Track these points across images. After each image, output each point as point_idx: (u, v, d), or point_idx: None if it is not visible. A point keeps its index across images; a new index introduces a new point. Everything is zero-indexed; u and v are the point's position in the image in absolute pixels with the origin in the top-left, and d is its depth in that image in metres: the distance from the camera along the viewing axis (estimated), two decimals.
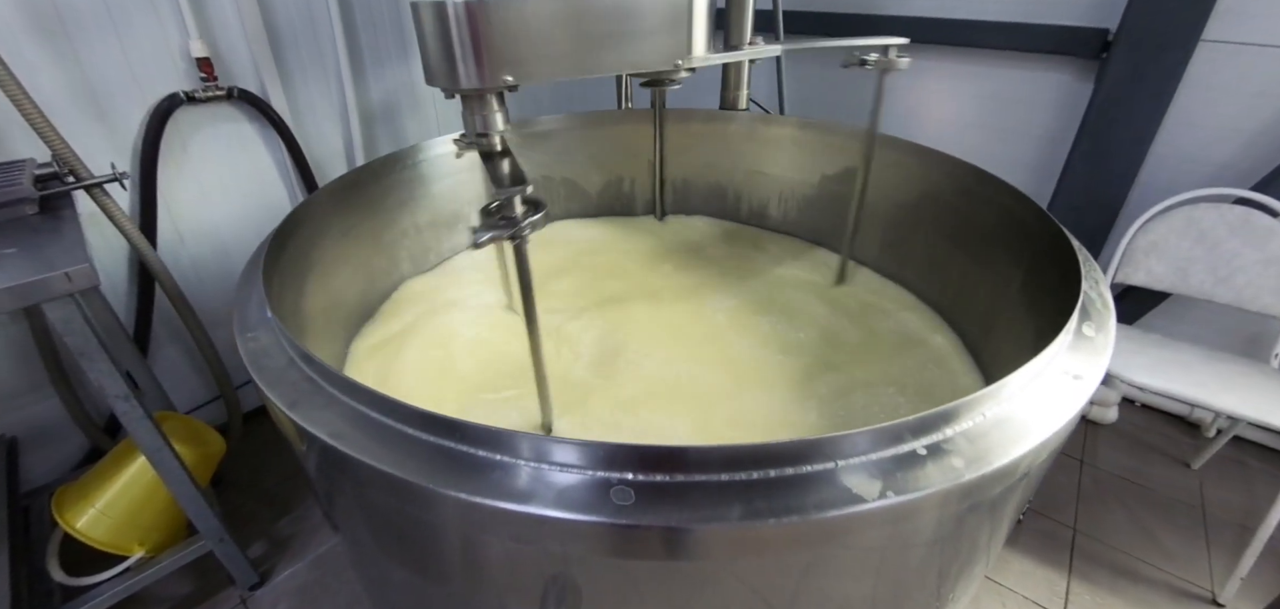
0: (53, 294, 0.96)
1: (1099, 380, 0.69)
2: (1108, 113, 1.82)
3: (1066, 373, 0.70)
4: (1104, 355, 0.73)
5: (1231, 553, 1.62)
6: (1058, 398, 0.66)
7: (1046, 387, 0.68)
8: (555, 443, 0.56)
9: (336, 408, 0.64)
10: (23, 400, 1.43)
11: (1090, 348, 0.75)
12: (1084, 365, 0.71)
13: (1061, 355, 0.71)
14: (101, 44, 1.36)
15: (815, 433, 0.96)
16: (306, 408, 0.63)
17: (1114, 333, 0.78)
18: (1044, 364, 0.68)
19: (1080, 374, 0.70)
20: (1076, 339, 0.76)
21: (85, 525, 1.22)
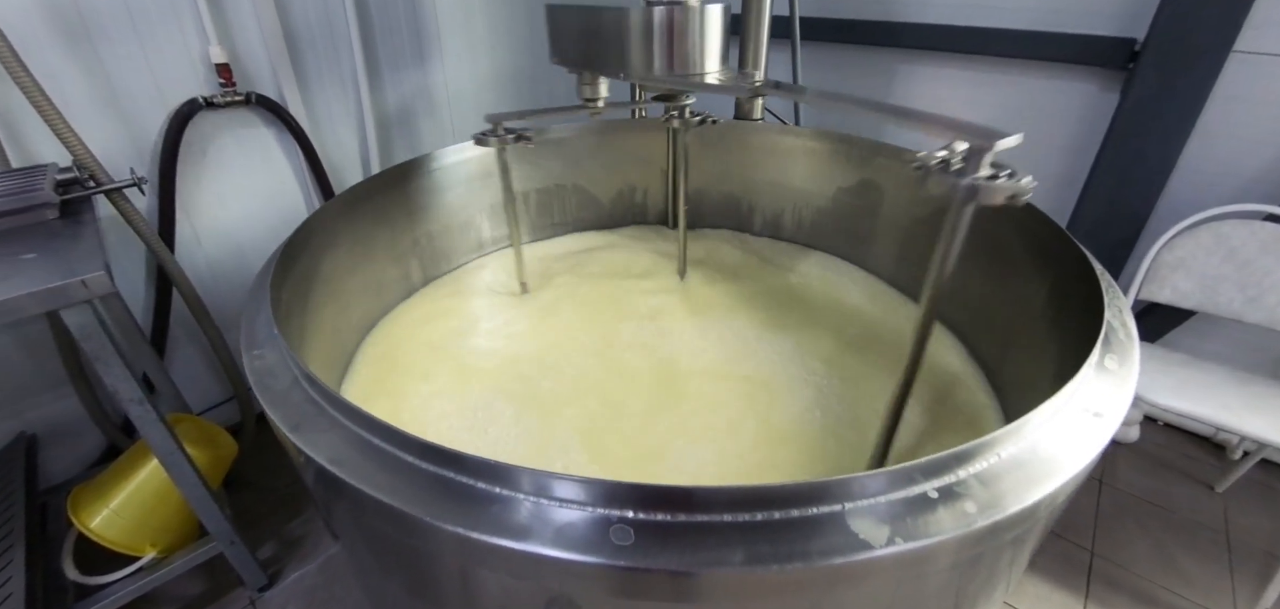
0: (70, 301, 0.98)
1: (1121, 418, 0.67)
2: (1133, 124, 1.77)
3: (1087, 409, 0.68)
4: (1127, 391, 0.70)
5: (1257, 581, 1.57)
6: (1078, 437, 0.64)
7: (1066, 424, 0.66)
8: (555, 478, 0.55)
9: (338, 431, 0.63)
10: (42, 398, 1.46)
11: (1112, 382, 0.72)
12: (1105, 402, 0.69)
13: (1082, 390, 0.69)
14: (124, 49, 1.38)
15: (831, 462, 0.94)
16: (309, 431, 0.63)
17: (1137, 366, 0.75)
18: (1063, 402, 0.66)
19: (1101, 411, 0.67)
20: (1097, 371, 0.73)
21: (99, 525, 1.24)
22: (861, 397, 1.11)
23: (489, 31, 1.99)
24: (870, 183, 1.46)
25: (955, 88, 2.11)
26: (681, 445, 0.99)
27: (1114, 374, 0.73)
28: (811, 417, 1.05)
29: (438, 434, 1.03)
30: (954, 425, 1.03)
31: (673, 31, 0.87)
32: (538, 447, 0.98)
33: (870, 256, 1.51)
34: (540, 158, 1.54)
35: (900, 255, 1.44)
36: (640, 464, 0.95)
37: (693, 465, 0.95)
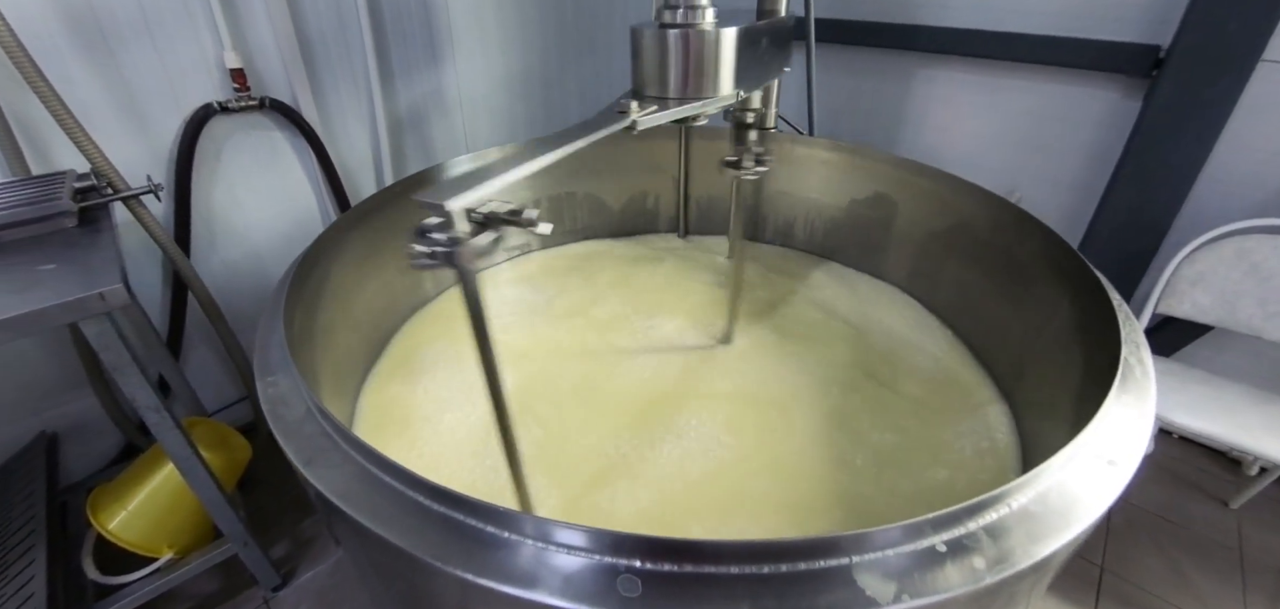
0: (88, 313, 0.99)
1: (1135, 466, 0.66)
2: (1156, 133, 1.73)
3: (1101, 456, 0.67)
4: (1142, 436, 0.69)
5: (1270, 601, 1.55)
6: (1091, 487, 0.63)
7: (1079, 473, 0.65)
8: (563, 526, 0.55)
9: (350, 466, 0.64)
10: (62, 398, 1.49)
11: (1128, 426, 0.71)
12: (1120, 448, 0.68)
13: (1096, 437, 0.68)
14: (140, 55, 1.38)
15: (846, 491, 0.94)
16: (321, 466, 0.64)
17: (1154, 408, 0.74)
18: (1077, 450, 0.65)
19: (1115, 459, 0.66)
20: (1113, 406, 0.72)
21: (117, 527, 1.27)
22: (881, 438, 1.10)
23: (501, 33, 1.98)
24: (884, 196, 1.44)
25: (974, 93, 2.07)
26: (692, 472, 0.99)
27: (1129, 417, 0.72)
28: (828, 439, 1.05)
29: (446, 450, 1.04)
30: (971, 458, 1.02)
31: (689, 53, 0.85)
32: (546, 469, 0.99)
33: (884, 267, 1.49)
34: (550, 165, 1.53)
35: (914, 268, 1.43)
36: (650, 492, 0.95)
37: (705, 497, 0.95)
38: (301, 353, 0.90)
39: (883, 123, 2.31)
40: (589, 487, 0.96)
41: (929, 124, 2.21)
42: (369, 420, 1.09)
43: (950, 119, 2.16)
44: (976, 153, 2.14)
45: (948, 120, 2.16)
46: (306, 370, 0.87)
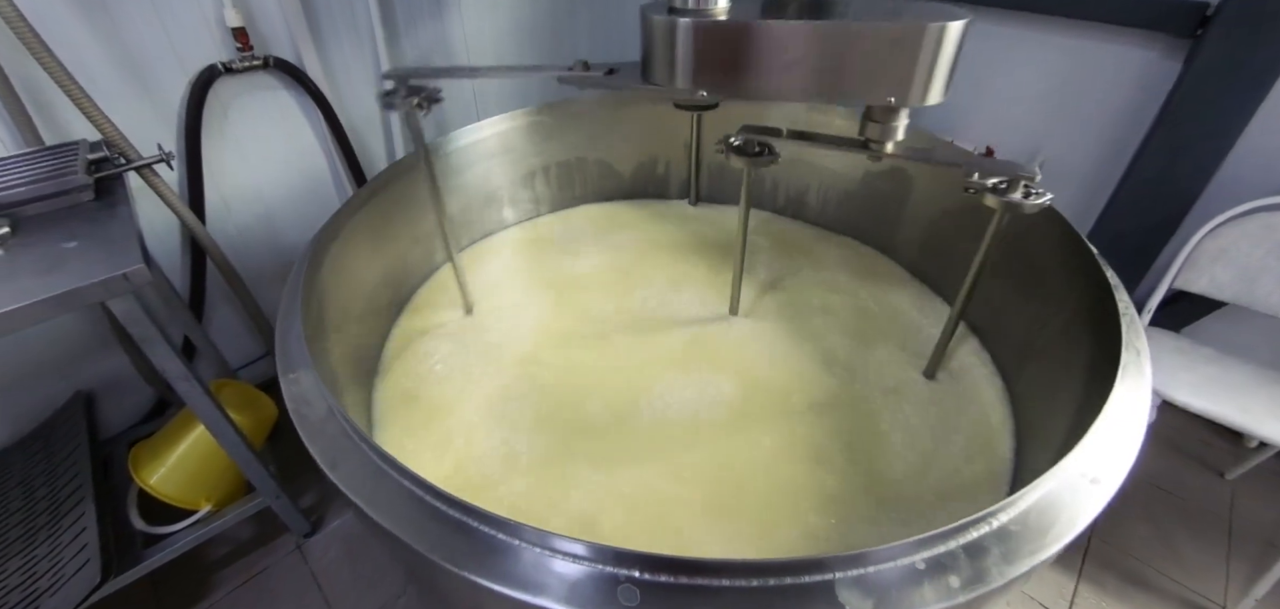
0: (113, 294, 1.03)
1: (1118, 484, 0.68)
2: (1194, 98, 1.65)
3: (1085, 474, 0.69)
4: (1128, 454, 0.71)
5: (1253, 569, 1.61)
6: (1070, 505, 0.66)
7: (1061, 490, 0.67)
8: (568, 540, 0.60)
9: (370, 469, 0.69)
10: (95, 356, 1.56)
11: (1116, 439, 0.73)
12: (1104, 465, 0.70)
13: (1083, 453, 0.70)
14: (140, 17, 1.36)
15: (831, 484, 0.98)
16: (345, 468, 0.69)
17: (1146, 421, 0.76)
18: (1062, 469, 0.67)
19: (1098, 477, 0.68)
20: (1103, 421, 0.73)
21: (157, 482, 1.36)
22: (876, 399, 1.13)
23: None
24: (901, 170, 1.41)
25: (1005, 47, 1.96)
26: (686, 454, 1.03)
27: (1119, 432, 0.74)
28: (826, 425, 1.08)
29: (461, 423, 1.09)
30: (965, 447, 1.05)
31: None
32: (548, 459, 1.04)
33: (895, 244, 1.48)
34: (560, 131, 1.51)
35: (924, 245, 1.41)
36: (642, 474, 0.99)
37: (698, 481, 1.00)
38: (319, 341, 0.93)
39: None
40: (588, 462, 1.01)
41: (957, 79, 2.11)
42: (388, 395, 1.14)
43: (977, 74, 2.06)
44: (1002, 111, 2.06)
45: (974, 76, 2.06)
46: (325, 360, 0.91)
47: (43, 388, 1.51)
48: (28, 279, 0.98)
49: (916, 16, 0.72)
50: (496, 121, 1.42)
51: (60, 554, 1.27)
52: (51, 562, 1.26)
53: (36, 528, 1.31)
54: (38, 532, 1.31)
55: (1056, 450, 0.84)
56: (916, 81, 0.76)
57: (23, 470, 1.43)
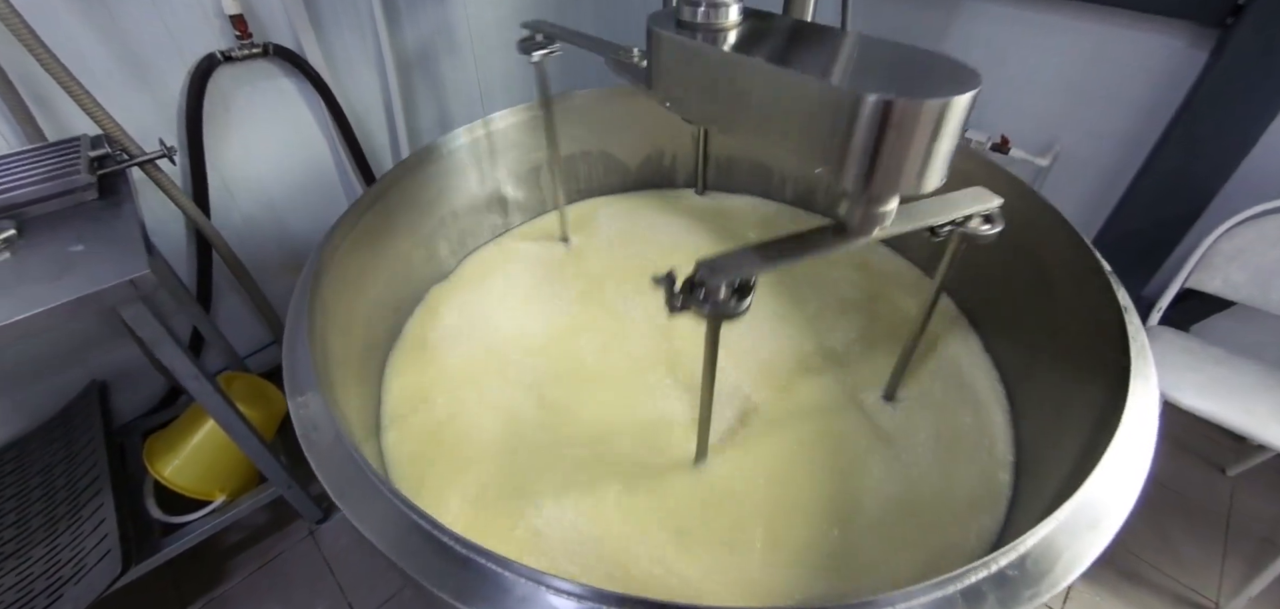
0: (121, 300, 1.04)
1: (1116, 530, 0.68)
2: (1219, 90, 1.59)
3: (1084, 519, 0.69)
4: (1128, 499, 0.71)
5: (1248, 567, 1.63)
6: (1069, 551, 0.66)
7: (1059, 535, 0.68)
8: (569, 584, 0.61)
9: (378, 501, 0.70)
10: (109, 346, 1.58)
11: (1119, 481, 0.73)
12: (1103, 511, 0.70)
13: (1084, 497, 0.70)
14: (137, 7, 1.33)
15: (830, 496, 0.99)
16: (353, 499, 0.70)
17: (1150, 460, 0.75)
18: (1059, 516, 0.68)
19: (1098, 522, 0.69)
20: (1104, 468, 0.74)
21: (171, 474, 1.39)
22: (876, 408, 1.13)
23: None
24: None
25: (1022, 30, 1.90)
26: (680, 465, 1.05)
27: (1123, 472, 0.74)
28: (825, 431, 1.09)
29: (471, 428, 1.10)
30: (962, 449, 1.06)
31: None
32: (553, 460, 1.05)
33: (904, 242, 1.46)
34: (566, 124, 1.48)
35: (934, 248, 1.39)
36: (635, 489, 1.01)
37: (694, 494, 1.01)
38: (324, 351, 0.94)
39: None
40: (583, 470, 1.03)
41: (968, 62, 2.05)
42: (396, 400, 1.15)
43: (993, 61, 2.00)
44: (1018, 97, 2.00)
45: (991, 62, 2.00)
46: (332, 380, 0.91)
47: (59, 377, 1.53)
48: (37, 285, 0.99)
49: (881, 84, 0.54)
50: (500, 117, 1.39)
51: (82, 543, 1.31)
52: (73, 550, 1.30)
53: (57, 517, 1.35)
54: (59, 520, 1.35)
55: (1057, 481, 0.84)
56: (851, 161, 0.57)
57: (42, 458, 1.46)
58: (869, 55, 0.62)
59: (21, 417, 1.52)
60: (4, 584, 1.27)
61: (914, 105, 0.52)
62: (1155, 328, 1.73)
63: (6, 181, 1.14)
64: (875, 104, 0.53)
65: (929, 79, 0.56)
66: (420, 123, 1.92)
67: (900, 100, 0.52)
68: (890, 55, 0.62)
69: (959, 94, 0.53)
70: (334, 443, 0.76)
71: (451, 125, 1.99)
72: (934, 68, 0.59)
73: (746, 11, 0.75)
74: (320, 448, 0.76)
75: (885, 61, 0.61)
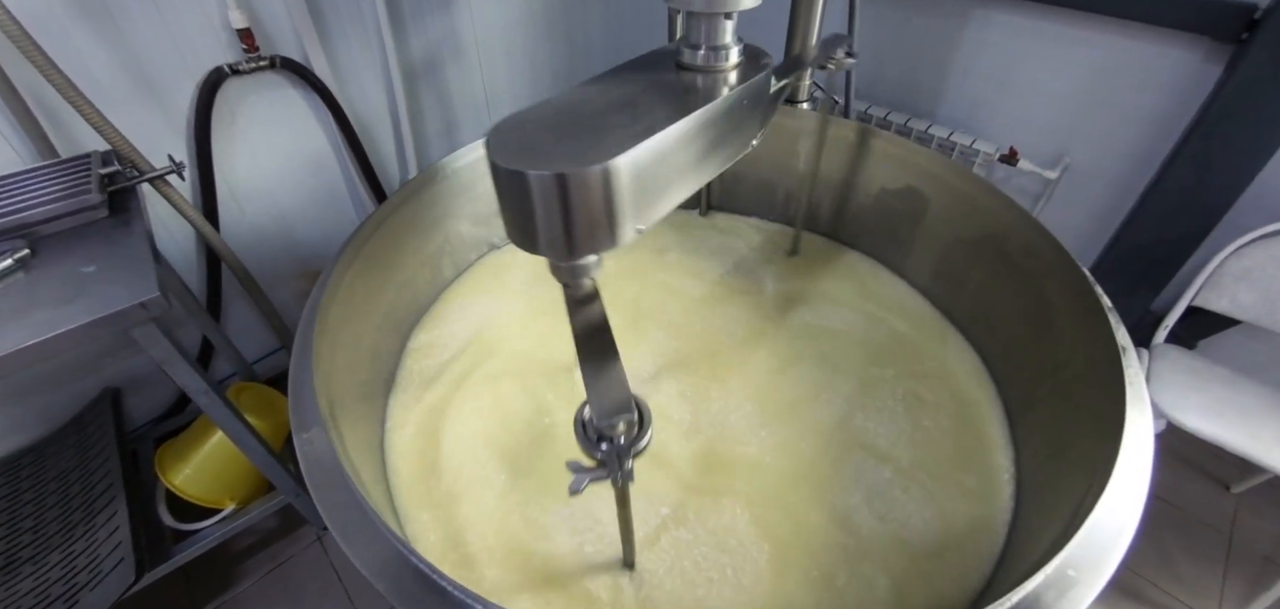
0: (132, 323, 1.06)
1: (1096, 592, 0.69)
2: (1232, 106, 1.57)
3: (1066, 572, 0.70)
4: (1113, 557, 0.71)
5: (1249, 586, 1.63)
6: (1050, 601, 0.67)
7: (1034, 589, 0.68)
8: None
9: (380, 544, 0.72)
10: (121, 354, 1.61)
11: (1104, 531, 0.73)
12: (1082, 566, 0.70)
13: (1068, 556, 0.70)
14: (145, 22, 1.34)
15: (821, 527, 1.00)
16: (356, 544, 0.72)
17: (1139, 519, 0.75)
18: (1045, 574, 0.68)
19: (1077, 571, 0.69)
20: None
21: (182, 482, 1.43)
22: (873, 432, 1.14)
23: None
24: (915, 190, 1.38)
25: (1033, 41, 1.87)
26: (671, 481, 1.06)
27: (1109, 528, 0.73)
28: (821, 456, 1.09)
29: (466, 438, 1.12)
30: (959, 482, 1.06)
31: None
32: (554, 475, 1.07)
33: (907, 265, 1.46)
34: None
35: (937, 270, 1.39)
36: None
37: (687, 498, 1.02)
38: (329, 382, 0.95)
39: (929, 67, 2.13)
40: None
41: (978, 72, 2.03)
42: (401, 428, 1.17)
43: (1004, 71, 1.97)
44: (1028, 111, 1.98)
45: (1001, 72, 1.98)
46: (336, 410, 0.93)
47: (73, 384, 1.57)
48: (51, 309, 1.01)
49: None
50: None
51: (97, 550, 1.35)
52: (88, 557, 1.34)
53: (73, 523, 1.39)
54: (74, 526, 1.39)
55: (1056, 518, 0.85)
56: None
57: (58, 464, 1.50)
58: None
59: (37, 423, 1.56)
60: (21, 589, 1.31)
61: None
62: (1161, 346, 1.72)
63: (20, 201, 1.16)
64: None
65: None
66: (426, 130, 1.93)
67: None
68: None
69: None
70: (339, 483, 0.77)
71: (457, 132, 2.01)
72: None
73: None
74: (325, 489, 0.77)
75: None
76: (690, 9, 0.71)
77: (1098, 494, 0.72)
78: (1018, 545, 0.95)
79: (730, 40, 0.73)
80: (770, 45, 0.83)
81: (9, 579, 1.32)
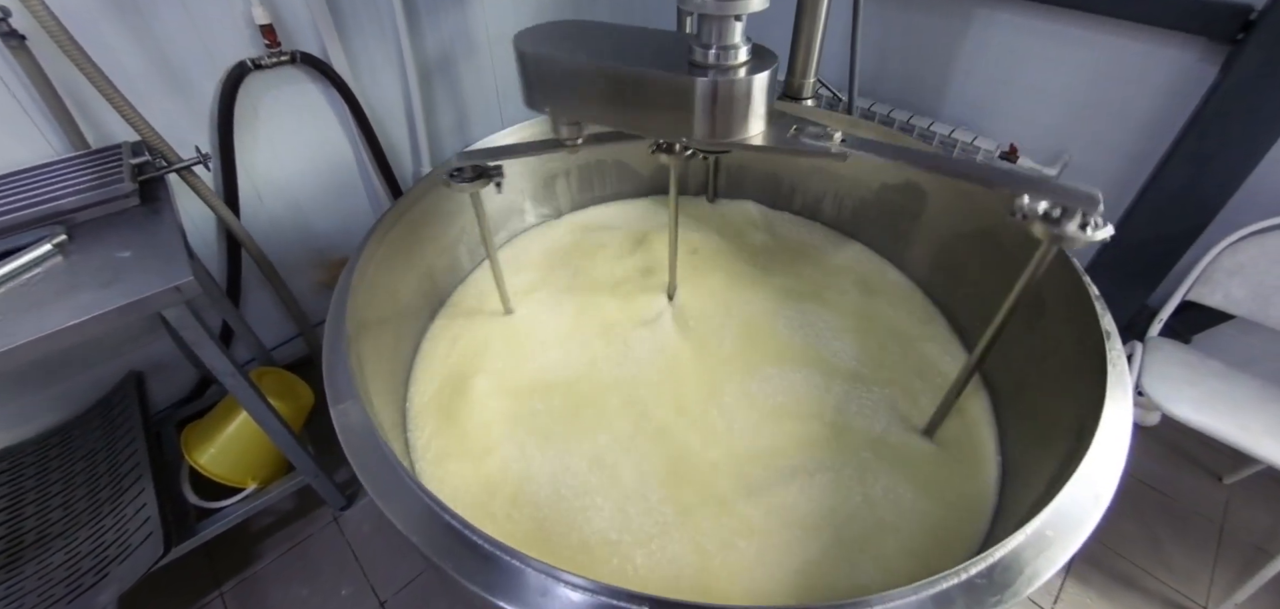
0: (167, 305, 1.11)
1: (1073, 551, 0.73)
2: (1227, 107, 1.61)
3: (1047, 538, 0.74)
4: (1089, 523, 0.75)
5: (1238, 574, 1.67)
6: (1027, 569, 0.71)
7: (1022, 550, 0.72)
8: (577, 577, 0.68)
9: (412, 499, 0.77)
10: (144, 340, 1.66)
11: (1081, 500, 0.77)
12: (1060, 528, 0.74)
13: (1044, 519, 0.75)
14: (172, 18, 1.39)
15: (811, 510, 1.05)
16: (392, 499, 0.77)
17: (1115, 489, 0.79)
18: (1026, 533, 0.72)
19: (1054, 532, 0.73)
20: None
21: (207, 462, 1.48)
22: (868, 419, 1.18)
23: None
24: (915, 185, 1.42)
25: (1034, 41, 1.91)
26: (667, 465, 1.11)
27: (1086, 496, 0.77)
28: (814, 442, 1.14)
29: (486, 424, 1.17)
30: (950, 482, 1.11)
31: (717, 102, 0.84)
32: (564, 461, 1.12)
33: (907, 258, 1.51)
34: None
35: (935, 263, 1.44)
36: (628, 496, 1.07)
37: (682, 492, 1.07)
38: (359, 359, 1.01)
39: (932, 66, 2.17)
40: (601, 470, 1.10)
41: (980, 74, 2.07)
42: (422, 399, 1.22)
43: (1005, 70, 2.01)
44: (1028, 109, 2.02)
45: (1002, 71, 2.02)
46: (367, 384, 0.98)
47: (99, 368, 1.62)
48: (93, 291, 1.06)
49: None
50: (517, 130, 1.44)
51: (125, 525, 1.40)
52: (118, 532, 1.39)
53: (102, 501, 1.44)
54: (102, 504, 1.44)
55: (1036, 495, 0.89)
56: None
57: (85, 445, 1.55)
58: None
59: (65, 405, 1.61)
60: (53, 562, 1.36)
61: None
62: (1155, 339, 1.76)
63: (56, 189, 1.22)
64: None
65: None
66: (440, 125, 1.98)
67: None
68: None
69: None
70: (372, 446, 0.83)
71: (469, 127, 2.06)
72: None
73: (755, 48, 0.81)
74: (361, 452, 0.83)
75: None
76: (702, 11, 0.76)
77: (1077, 463, 0.76)
78: (1004, 522, 1.00)
79: (739, 40, 0.78)
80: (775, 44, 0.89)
81: (41, 554, 1.38)
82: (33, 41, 1.20)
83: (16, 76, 1.24)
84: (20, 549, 1.37)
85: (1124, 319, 2.00)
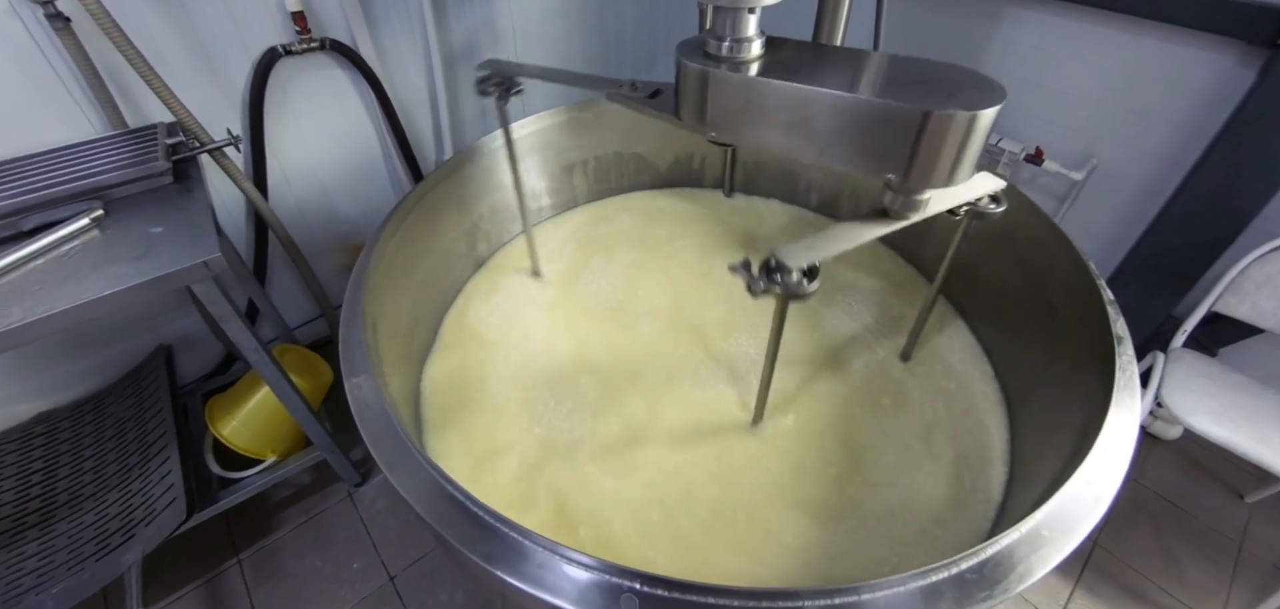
0: (195, 279, 1.15)
1: (1068, 551, 0.72)
2: (1264, 113, 1.57)
3: (1039, 529, 0.74)
4: (1086, 525, 0.74)
5: (1255, 594, 1.63)
6: (1019, 567, 0.70)
7: (1016, 547, 0.72)
8: (580, 555, 0.70)
9: (422, 474, 0.80)
10: (174, 314, 1.73)
11: (1081, 501, 0.76)
12: (1056, 528, 0.73)
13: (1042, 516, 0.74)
14: (209, 5, 1.44)
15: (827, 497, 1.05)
16: (401, 471, 0.80)
17: (1114, 493, 0.78)
18: (1021, 530, 0.72)
19: (1050, 532, 0.73)
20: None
21: (230, 433, 1.54)
22: (879, 415, 1.19)
23: None
24: None
25: (1064, 42, 1.87)
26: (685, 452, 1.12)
27: (1085, 498, 0.77)
28: (826, 432, 1.15)
29: (499, 409, 1.20)
30: (963, 476, 1.11)
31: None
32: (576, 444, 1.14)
33: (922, 256, 1.50)
34: (598, 127, 1.55)
35: (950, 263, 1.42)
36: (640, 478, 1.09)
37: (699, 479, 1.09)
38: (375, 335, 1.04)
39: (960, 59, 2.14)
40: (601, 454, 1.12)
41: (1007, 75, 2.03)
42: (437, 381, 1.25)
43: (1033, 71, 1.98)
44: (1057, 110, 1.98)
45: (1030, 72, 1.99)
46: (382, 360, 1.01)
47: (131, 341, 1.69)
48: (126, 263, 1.11)
49: (923, 98, 0.68)
50: (537, 119, 1.47)
51: (151, 490, 1.46)
52: (144, 497, 1.46)
53: (130, 467, 1.51)
54: (131, 469, 1.51)
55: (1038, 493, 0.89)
56: (918, 166, 0.71)
57: (116, 413, 1.62)
58: (892, 73, 0.75)
59: (98, 375, 1.68)
60: (85, 521, 1.43)
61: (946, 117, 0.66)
62: (1178, 350, 1.73)
63: (95, 165, 1.27)
64: (917, 115, 0.67)
65: (959, 93, 0.69)
66: (463, 114, 2.01)
67: (937, 112, 0.66)
68: (908, 72, 0.74)
69: (987, 107, 0.67)
70: (382, 417, 0.86)
71: (492, 116, 2.09)
72: (962, 83, 0.72)
73: (769, 41, 0.81)
74: (373, 426, 0.86)
75: (909, 78, 0.73)
76: (716, 3, 0.77)
77: (1077, 465, 0.76)
78: (1006, 522, 0.99)
79: (753, 33, 0.79)
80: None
81: (73, 514, 1.45)
82: (77, 23, 1.26)
83: (61, 57, 1.30)
84: (54, 509, 1.44)
85: (1149, 329, 1.95)
